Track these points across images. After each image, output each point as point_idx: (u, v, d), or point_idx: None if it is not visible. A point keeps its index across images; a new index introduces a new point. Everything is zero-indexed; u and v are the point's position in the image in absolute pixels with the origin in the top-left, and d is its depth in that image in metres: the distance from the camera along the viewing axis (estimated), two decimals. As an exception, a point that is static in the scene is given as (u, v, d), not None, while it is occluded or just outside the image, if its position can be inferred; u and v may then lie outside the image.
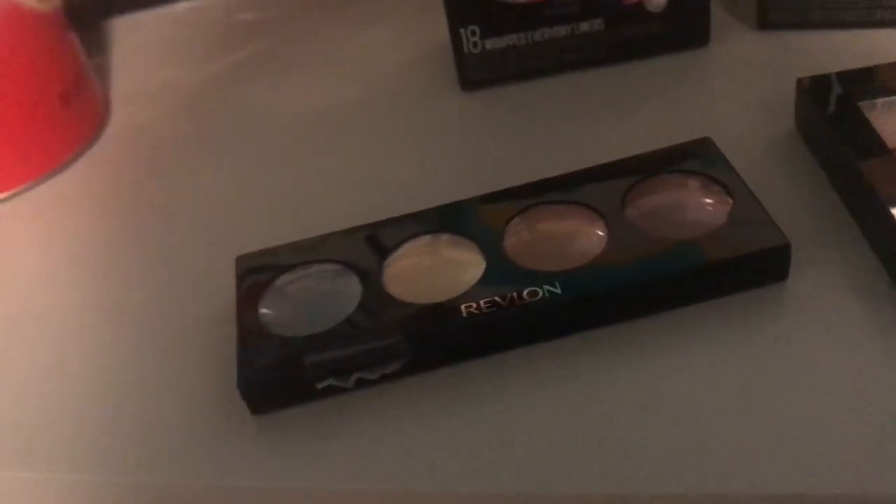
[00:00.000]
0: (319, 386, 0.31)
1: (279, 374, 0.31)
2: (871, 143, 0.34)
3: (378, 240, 0.35)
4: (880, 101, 0.37)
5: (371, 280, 0.33)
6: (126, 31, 0.60)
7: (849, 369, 0.29)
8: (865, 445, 0.27)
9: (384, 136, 0.44)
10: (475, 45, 0.44)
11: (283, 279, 0.35)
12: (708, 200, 0.34)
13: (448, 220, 0.36)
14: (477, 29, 0.43)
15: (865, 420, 0.27)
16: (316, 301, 0.34)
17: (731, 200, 0.34)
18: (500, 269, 0.33)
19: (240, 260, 0.36)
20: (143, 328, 0.36)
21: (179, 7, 0.61)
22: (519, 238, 0.34)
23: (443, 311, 0.31)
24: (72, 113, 0.48)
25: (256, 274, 0.35)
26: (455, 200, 0.36)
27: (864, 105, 0.36)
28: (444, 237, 0.35)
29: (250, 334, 0.32)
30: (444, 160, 0.42)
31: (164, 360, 0.34)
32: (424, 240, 0.35)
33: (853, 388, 0.28)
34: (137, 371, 0.34)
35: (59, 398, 0.34)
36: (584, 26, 0.44)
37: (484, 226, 0.35)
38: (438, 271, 0.34)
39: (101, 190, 0.45)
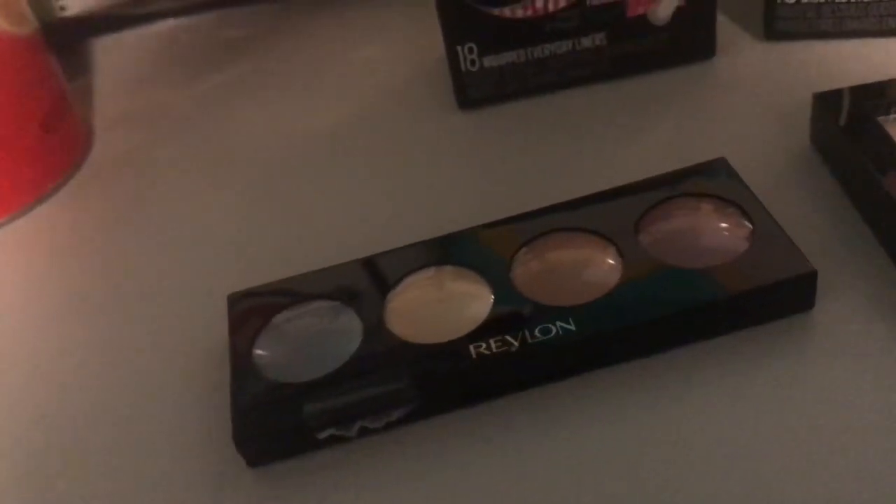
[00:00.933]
0: (320, 436, 0.29)
1: (276, 424, 0.29)
2: (892, 157, 0.33)
3: (379, 273, 0.33)
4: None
5: (372, 318, 0.31)
6: (108, 52, 0.58)
7: (880, 403, 0.27)
8: (907, 491, 0.25)
9: (379, 160, 0.42)
10: (473, 62, 0.42)
11: (279, 317, 0.33)
12: (724, 225, 0.33)
13: (452, 250, 0.34)
14: (474, 46, 0.42)
15: (906, 463, 0.26)
16: (315, 341, 0.32)
17: (749, 224, 0.32)
18: (509, 304, 0.31)
19: (232, 298, 0.34)
20: (130, 371, 0.34)
21: (164, 25, 0.59)
22: (528, 268, 0.33)
23: (451, 353, 0.29)
24: (54, 140, 0.46)
25: (250, 313, 0.33)
26: (458, 230, 0.34)
27: (883, 119, 0.35)
28: (448, 269, 0.33)
29: (244, 380, 0.30)
30: (443, 185, 0.40)
31: (152, 405, 0.32)
32: (428, 272, 0.33)
33: (885, 424, 0.27)
34: (122, 417, 0.32)
35: (40, 444, 0.32)
36: (586, 41, 0.42)
37: (490, 256, 0.33)
38: (444, 306, 0.32)
39: (86, 221, 0.43)
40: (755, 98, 0.41)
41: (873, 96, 0.36)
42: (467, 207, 0.38)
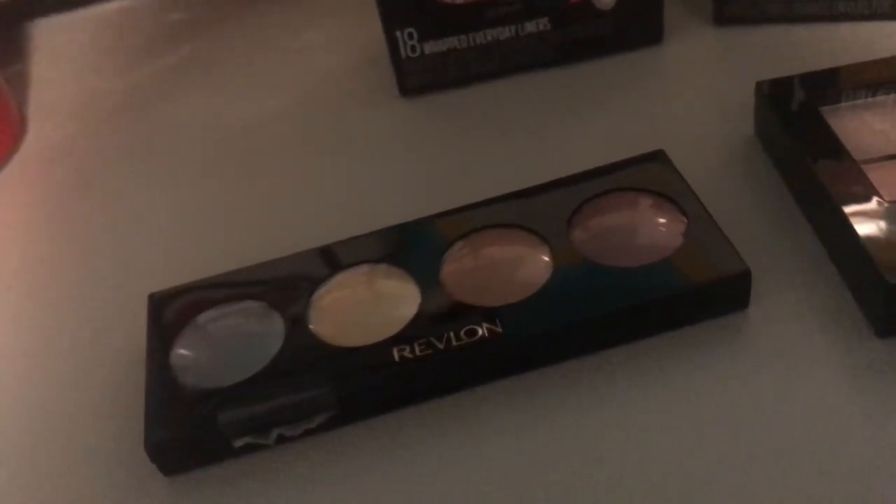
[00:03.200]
0: (236, 444, 0.28)
1: (191, 432, 0.28)
2: (833, 150, 0.32)
3: (309, 270, 0.32)
4: (843, 105, 0.34)
5: (296, 319, 0.30)
6: (48, 36, 0.56)
7: (812, 404, 0.26)
8: (826, 481, 0.24)
9: (318, 149, 0.41)
10: (413, 48, 0.41)
11: (204, 316, 0.32)
12: (661, 220, 0.32)
13: (385, 246, 0.33)
14: (414, 32, 0.40)
15: (830, 458, 0.25)
16: (237, 343, 0.31)
17: (685, 220, 0.31)
18: (436, 304, 0.30)
19: (153, 298, 0.32)
20: (48, 371, 0.33)
21: (107, 7, 0.57)
22: (461, 265, 0.32)
23: (373, 357, 0.28)
24: (-18, 130, 0.44)
25: (172, 313, 0.32)
26: (398, 222, 0.33)
27: (825, 110, 0.34)
28: (382, 267, 0.32)
29: (159, 386, 0.29)
30: (382, 176, 0.39)
31: (67, 409, 0.31)
32: (361, 269, 0.32)
33: (817, 424, 0.26)
34: (33, 424, 0.31)
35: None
36: (530, 26, 0.41)
37: (423, 253, 0.32)
38: (372, 306, 0.31)
39: (13, 215, 0.42)
40: (702, 86, 0.40)
41: (817, 86, 0.35)
42: (408, 198, 0.37)
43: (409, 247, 0.33)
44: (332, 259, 0.33)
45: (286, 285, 0.32)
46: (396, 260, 0.32)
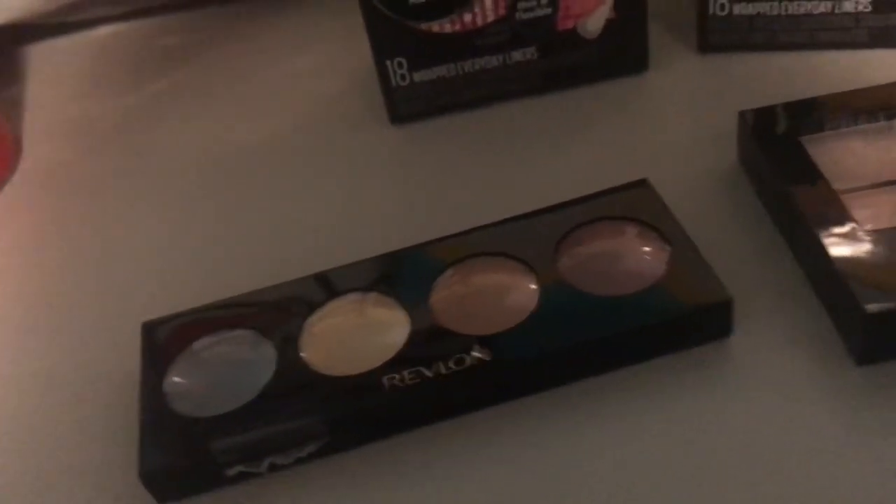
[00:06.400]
0: (229, 473, 0.28)
1: (184, 461, 0.28)
2: (812, 180, 0.32)
3: (301, 298, 0.33)
4: (824, 134, 0.35)
5: (287, 347, 0.31)
6: (42, 59, 0.56)
7: (794, 432, 0.27)
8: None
9: (309, 177, 0.42)
10: (403, 77, 0.41)
11: (199, 344, 0.32)
12: (646, 248, 0.32)
13: (375, 274, 0.33)
14: (404, 61, 0.41)
15: (810, 484, 0.25)
16: (229, 372, 0.31)
17: (669, 248, 0.32)
18: (425, 332, 0.30)
19: (146, 326, 0.33)
20: (42, 399, 0.33)
21: (101, 32, 0.58)
22: (451, 292, 0.32)
23: (363, 386, 0.29)
24: (-23, 155, 0.45)
25: (166, 340, 0.32)
26: (389, 250, 0.34)
27: (806, 139, 0.34)
28: (373, 295, 0.33)
29: (153, 414, 0.29)
30: (372, 204, 0.39)
31: (62, 437, 0.32)
32: (353, 297, 0.33)
33: (798, 453, 0.26)
34: (27, 452, 0.31)
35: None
36: (517, 55, 0.41)
37: (412, 280, 0.33)
38: (363, 333, 0.32)
39: (8, 240, 0.42)
40: (687, 113, 0.41)
41: (798, 115, 0.35)
42: (397, 227, 0.37)
43: (399, 275, 0.33)
44: (322, 287, 0.33)
45: (277, 313, 0.32)
46: (386, 288, 0.32)
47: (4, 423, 0.33)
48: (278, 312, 0.32)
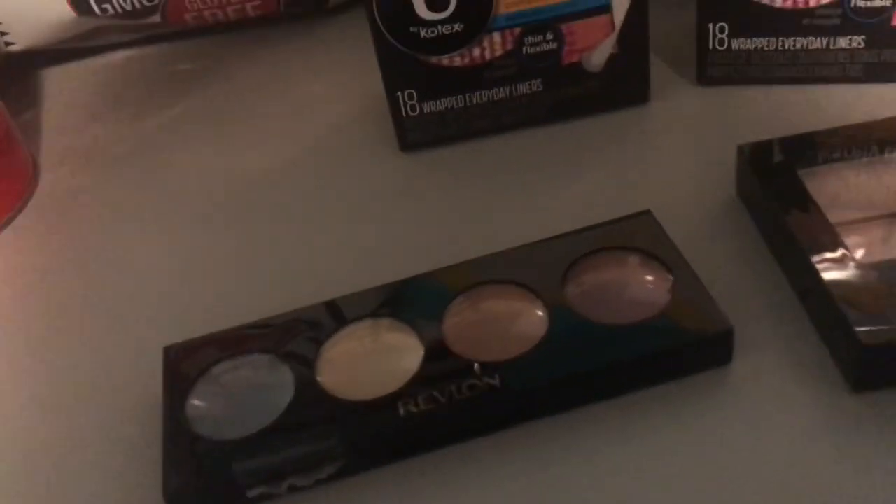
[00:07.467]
0: (250, 494, 0.29)
1: (207, 482, 0.29)
2: (809, 212, 0.34)
3: (317, 323, 0.34)
4: (821, 167, 0.36)
5: (305, 371, 0.32)
6: (58, 84, 0.58)
7: (790, 460, 0.28)
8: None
9: (321, 203, 0.43)
10: (413, 107, 0.43)
11: (218, 368, 0.33)
12: (649, 278, 0.34)
13: (388, 300, 0.35)
14: (414, 93, 0.42)
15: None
16: (248, 395, 0.32)
17: (671, 278, 0.33)
18: (438, 358, 0.32)
19: (168, 350, 0.34)
20: (65, 422, 0.34)
21: (116, 57, 0.59)
22: (463, 318, 0.33)
23: (379, 410, 0.30)
24: (-3, 178, 0.46)
25: (186, 365, 0.33)
26: (399, 278, 0.35)
27: (804, 172, 0.36)
28: (385, 321, 0.34)
29: (176, 436, 0.31)
30: (383, 230, 0.41)
31: (85, 460, 0.33)
32: (365, 323, 0.34)
33: (798, 482, 0.28)
34: (51, 474, 0.32)
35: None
36: (523, 87, 0.43)
37: (424, 307, 0.34)
38: (377, 358, 0.33)
39: (26, 264, 0.43)
40: (687, 145, 0.42)
41: (796, 149, 0.37)
42: (408, 254, 0.38)
43: (411, 301, 0.34)
44: (337, 313, 0.34)
45: (293, 338, 0.34)
46: (399, 314, 0.34)
47: (30, 450, 0.34)
48: (294, 337, 0.34)
